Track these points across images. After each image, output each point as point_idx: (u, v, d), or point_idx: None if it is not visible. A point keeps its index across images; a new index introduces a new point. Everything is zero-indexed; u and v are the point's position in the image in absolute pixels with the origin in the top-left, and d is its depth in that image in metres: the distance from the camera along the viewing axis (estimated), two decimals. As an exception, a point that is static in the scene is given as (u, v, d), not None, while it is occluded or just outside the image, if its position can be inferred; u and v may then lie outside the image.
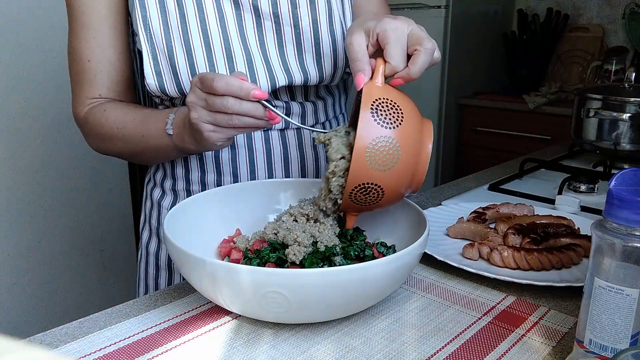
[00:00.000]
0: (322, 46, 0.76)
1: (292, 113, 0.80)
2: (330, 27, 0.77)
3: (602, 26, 2.62)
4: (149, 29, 0.72)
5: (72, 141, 1.74)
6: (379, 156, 0.57)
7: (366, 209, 0.63)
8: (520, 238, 0.75)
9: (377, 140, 0.56)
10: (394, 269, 0.53)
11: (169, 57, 0.72)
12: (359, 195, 0.59)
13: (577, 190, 1.04)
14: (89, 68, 0.77)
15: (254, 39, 0.75)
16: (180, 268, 0.56)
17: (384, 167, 0.57)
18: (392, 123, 0.57)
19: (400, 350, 0.53)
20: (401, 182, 0.59)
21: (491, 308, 0.62)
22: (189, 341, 0.55)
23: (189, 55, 0.72)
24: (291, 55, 0.76)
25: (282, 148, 0.81)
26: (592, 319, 0.47)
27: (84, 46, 0.76)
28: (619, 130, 1.21)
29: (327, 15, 0.76)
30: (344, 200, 0.60)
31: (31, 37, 1.61)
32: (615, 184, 0.46)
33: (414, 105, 0.61)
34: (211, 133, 0.63)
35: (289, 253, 0.60)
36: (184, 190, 0.83)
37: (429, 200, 1.01)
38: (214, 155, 0.80)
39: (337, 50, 0.77)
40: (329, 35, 0.77)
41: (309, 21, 0.76)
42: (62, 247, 1.78)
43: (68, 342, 0.55)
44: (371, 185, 0.58)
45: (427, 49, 0.59)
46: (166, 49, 0.72)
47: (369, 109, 0.57)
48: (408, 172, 0.59)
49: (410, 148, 0.58)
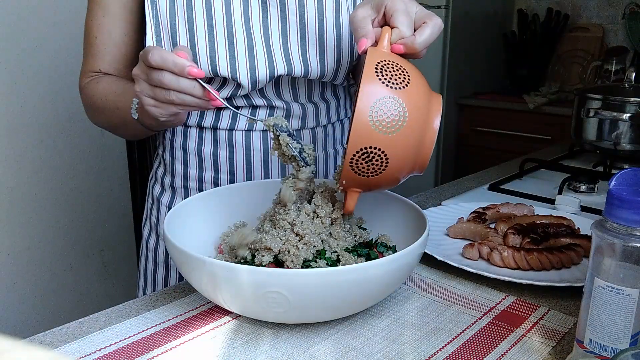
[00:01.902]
0: (327, 40, 0.76)
1: (292, 114, 0.80)
2: (337, 22, 0.76)
3: (602, 26, 2.62)
4: (155, 5, 0.74)
5: (72, 141, 1.74)
6: (383, 116, 0.52)
7: (368, 186, 0.58)
8: (520, 238, 0.75)
9: (381, 99, 0.52)
10: (394, 269, 0.53)
11: (171, 35, 0.73)
12: (360, 163, 0.54)
13: (577, 190, 1.04)
14: (95, 43, 0.80)
15: (258, 26, 0.75)
16: (180, 268, 0.56)
17: (389, 128, 0.53)
18: (398, 84, 0.53)
19: (400, 350, 0.53)
20: (406, 152, 0.55)
21: (491, 308, 0.62)
22: (189, 341, 0.55)
23: (191, 36, 0.73)
24: (294, 46, 0.76)
25: None
26: (592, 319, 0.47)
27: (93, 23, 0.80)
28: (619, 130, 1.21)
29: (334, 9, 0.76)
30: (344, 169, 0.56)
31: (31, 37, 1.61)
32: (615, 184, 0.46)
33: (421, 75, 0.57)
34: (152, 107, 0.62)
35: (286, 260, 0.58)
36: (181, 187, 0.84)
37: (429, 200, 1.01)
38: (212, 152, 0.80)
39: (342, 46, 0.77)
40: (334, 30, 0.76)
41: (314, 13, 0.75)
42: (62, 247, 1.78)
43: (68, 342, 0.55)
44: (374, 150, 0.53)
45: (436, 23, 0.58)
46: (170, 26, 0.73)
47: (373, 69, 0.53)
48: (414, 141, 0.55)
49: (417, 113, 0.54)
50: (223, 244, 0.66)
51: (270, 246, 0.58)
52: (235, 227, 0.69)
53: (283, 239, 0.59)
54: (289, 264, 0.57)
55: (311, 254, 0.59)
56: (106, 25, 0.79)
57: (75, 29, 1.68)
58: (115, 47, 0.80)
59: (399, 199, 0.70)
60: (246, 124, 0.79)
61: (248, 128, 0.79)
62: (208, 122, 0.80)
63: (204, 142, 0.81)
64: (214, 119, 0.79)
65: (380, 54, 0.55)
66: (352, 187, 0.59)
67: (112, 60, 0.81)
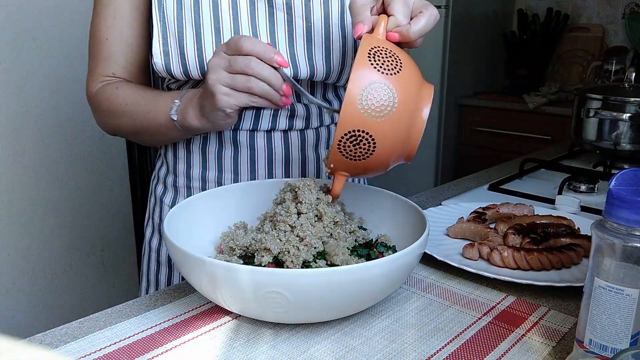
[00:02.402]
0: (332, 42, 0.77)
1: (296, 115, 0.80)
2: (342, 24, 0.77)
3: (602, 26, 2.62)
4: (162, 9, 0.73)
5: (72, 141, 1.74)
6: (372, 100, 0.53)
7: (355, 170, 0.59)
8: (520, 238, 0.75)
9: (372, 84, 0.53)
10: (394, 269, 0.53)
11: (178, 38, 0.73)
12: (348, 146, 0.55)
13: (577, 190, 1.04)
14: (106, 46, 0.79)
15: (265, 29, 0.76)
16: (180, 268, 0.56)
17: (378, 113, 0.53)
18: (389, 70, 0.54)
19: (400, 350, 0.53)
20: (395, 139, 0.56)
21: (491, 308, 0.62)
22: (189, 341, 0.55)
23: (198, 39, 0.73)
24: (300, 48, 0.76)
25: (284, 148, 0.81)
26: (592, 319, 0.47)
27: (103, 25, 0.78)
28: (619, 130, 1.21)
29: (339, 12, 0.77)
30: (332, 152, 0.56)
31: (31, 37, 1.61)
32: (615, 184, 0.46)
33: (415, 64, 0.58)
34: (224, 96, 0.63)
35: (285, 261, 0.58)
36: (184, 187, 0.84)
37: (429, 200, 1.01)
38: (216, 152, 0.80)
39: (347, 47, 0.77)
40: (339, 31, 0.77)
41: (320, 15, 0.76)
42: (62, 247, 1.78)
43: (68, 342, 0.55)
44: (362, 133, 0.54)
45: (432, 13, 0.58)
46: (177, 30, 0.73)
47: (366, 54, 0.54)
48: (402, 128, 0.56)
49: (407, 101, 0.55)
50: (223, 244, 0.66)
51: (269, 247, 0.58)
52: (235, 227, 0.69)
53: (283, 239, 0.59)
54: (288, 264, 0.57)
55: (311, 255, 0.58)
56: (117, 26, 0.78)
57: (76, 29, 1.68)
58: (129, 49, 0.79)
59: (399, 199, 0.70)
60: (250, 124, 0.79)
61: (252, 128, 0.79)
62: None
63: (209, 142, 0.81)
64: None
65: (375, 40, 0.56)
66: (340, 171, 0.60)
67: (125, 63, 0.80)
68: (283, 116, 0.79)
